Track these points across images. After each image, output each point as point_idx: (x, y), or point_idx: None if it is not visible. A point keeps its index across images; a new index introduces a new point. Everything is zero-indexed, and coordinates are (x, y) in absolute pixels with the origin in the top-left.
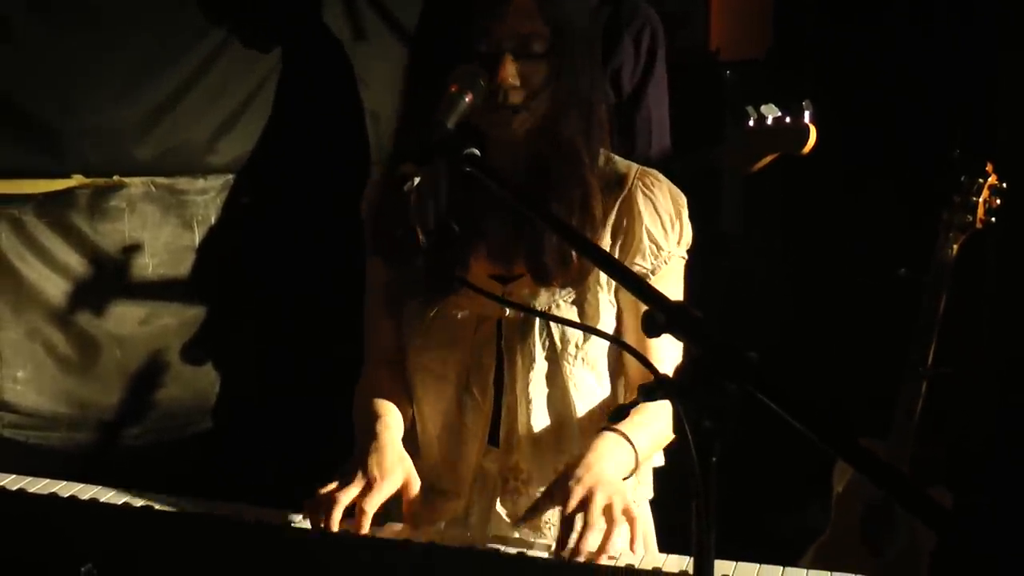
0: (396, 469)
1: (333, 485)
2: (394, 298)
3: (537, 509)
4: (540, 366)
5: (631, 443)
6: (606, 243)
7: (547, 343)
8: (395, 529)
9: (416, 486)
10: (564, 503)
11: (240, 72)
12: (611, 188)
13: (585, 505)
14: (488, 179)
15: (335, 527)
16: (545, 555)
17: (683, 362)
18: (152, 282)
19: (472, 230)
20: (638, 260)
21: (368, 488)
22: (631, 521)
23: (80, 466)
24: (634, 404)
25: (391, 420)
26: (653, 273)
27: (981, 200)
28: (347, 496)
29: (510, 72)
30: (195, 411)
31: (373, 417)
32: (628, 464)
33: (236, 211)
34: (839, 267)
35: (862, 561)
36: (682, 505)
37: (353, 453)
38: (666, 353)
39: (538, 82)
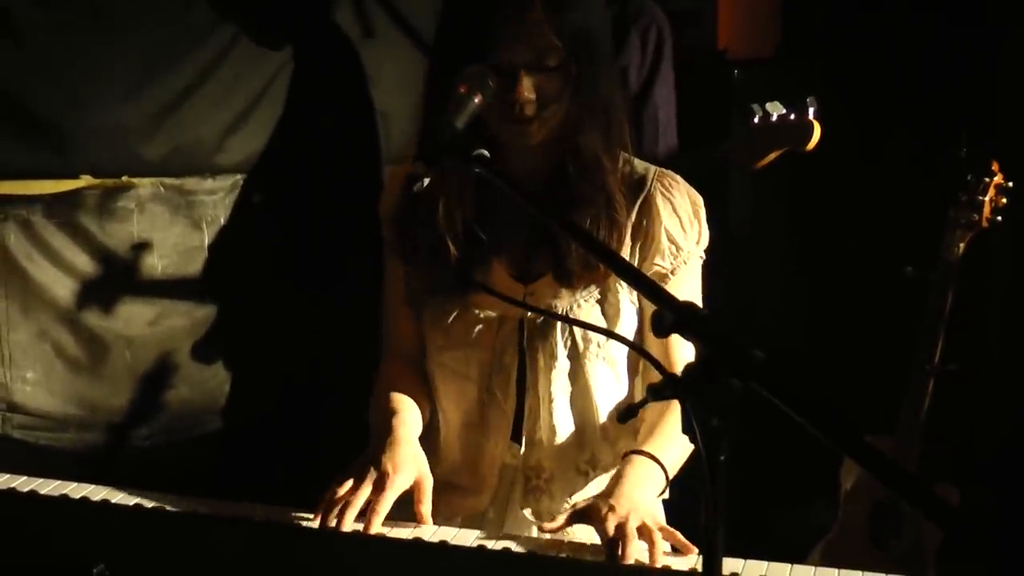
0: (409, 465)
1: (347, 486)
2: (413, 295)
3: (563, 524)
4: (562, 365)
5: (659, 463)
6: (626, 244)
7: (569, 342)
8: (406, 528)
9: (428, 485)
10: (601, 529)
11: (248, 71)
12: (630, 190)
13: (622, 530)
14: (498, 179)
15: (346, 529)
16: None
17: (691, 361)
18: (161, 283)
19: (494, 230)
20: (658, 261)
21: (380, 485)
22: (671, 538)
23: (90, 467)
24: (643, 403)
25: (407, 416)
26: (672, 273)
27: (987, 199)
28: (360, 498)
29: (526, 87)
30: (205, 412)
31: (390, 412)
32: (659, 484)
33: (246, 211)
34: (846, 265)
35: (870, 559)
36: (691, 504)
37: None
38: (688, 354)
39: (553, 93)
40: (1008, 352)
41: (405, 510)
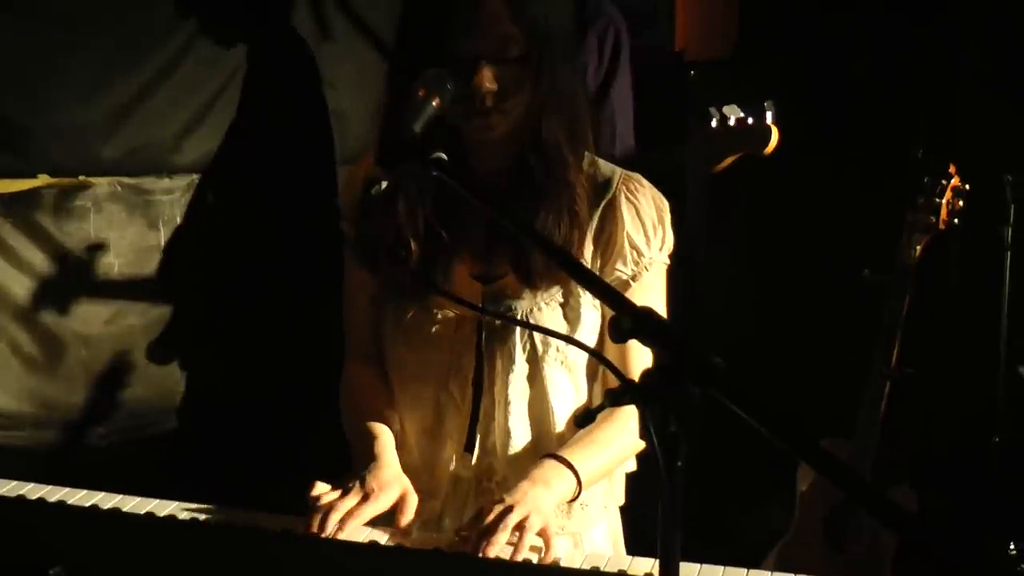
0: (394, 486)
1: (334, 494)
2: (373, 296)
3: (468, 526)
4: (520, 368)
5: (572, 468)
6: (588, 248)
7: (528, 345)
8: (363, 532)
9: (413, 501)
10: (483, 516)
11: (205, 72)
12: (595, 192)
13: (498, 520)
14: (455, 184)
15: (328, 532)
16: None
17: (650, 367)
18: (118, 282)
19: (454, 231)
20: (619, 267)
21: (365, 499)
22: (546, 544)
23: (45, 466)
24: (601, 408)
25: (386, 440)
26: (634, 280)
27: (944, 202)
28: (345, 505)
29: (487, 77)
30: (161, 411)
31: (369, 436)
32: (566, 489)
33: (201, 211)
34: (803, 269)
35: (826, 561)
36: (650, 507)
37: (326, 449)
38: (646, 361)
39: (513, 84)
40: (964, 356)
41: (388, 519)
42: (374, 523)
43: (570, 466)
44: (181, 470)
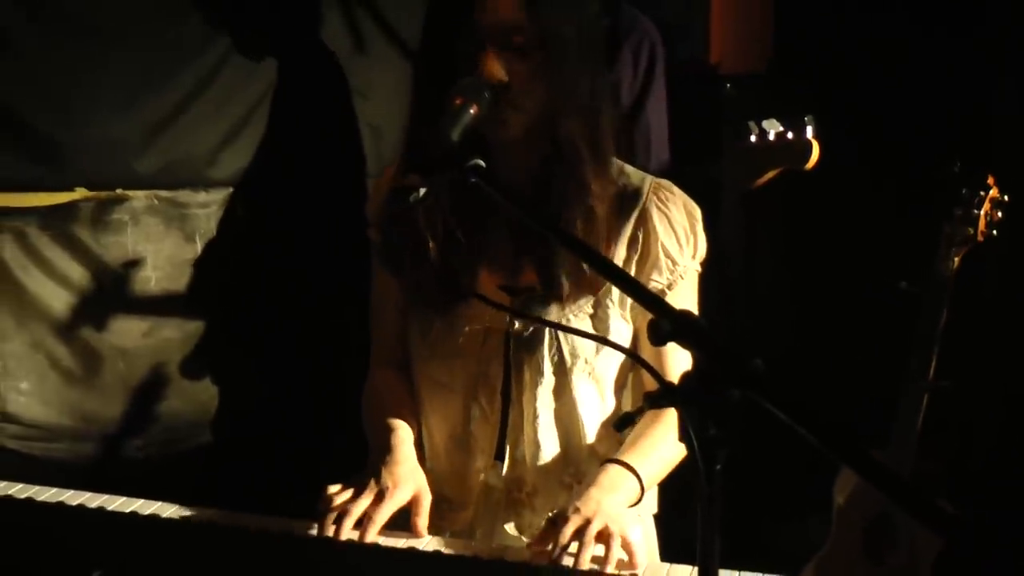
0: (408, 481)
1: (347, 494)
2: (401, 304)
3: (542, 538)
4: (548, 380)
5: (635, 473)
6: (620, 256)
7: (556, 357)
8: (401, 538)
9: (427, 501)
10: (561, 530)
11: (242, 85)
12: (626, 200)
13: (581, 533)
14: (493, 191)
15: (344, 537)
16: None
17: (689, 371)
18: (154, 295)
19: (480, 241)
20: (655, 276)
21: (380, 497)
22: (628, 552)
23: (83, 477)
24: (640, 412)
25: (404, 434)
26: (670, 288)
27: (982, 213)
28: (359, 508)
29: (494, 66)
30: (196, 424)
31: (386, 430)
32: (632, 494)
33: (238, 224)
34: (840, 279)
35: (863, 572)
36: (684, 516)
37: (359, 462)
38: (681, 366)
39: (524, 79)
40: (1002, 368)
41: (400, 523)
42: (392, 527)
43: (633, 471)
44: (216, 482)
